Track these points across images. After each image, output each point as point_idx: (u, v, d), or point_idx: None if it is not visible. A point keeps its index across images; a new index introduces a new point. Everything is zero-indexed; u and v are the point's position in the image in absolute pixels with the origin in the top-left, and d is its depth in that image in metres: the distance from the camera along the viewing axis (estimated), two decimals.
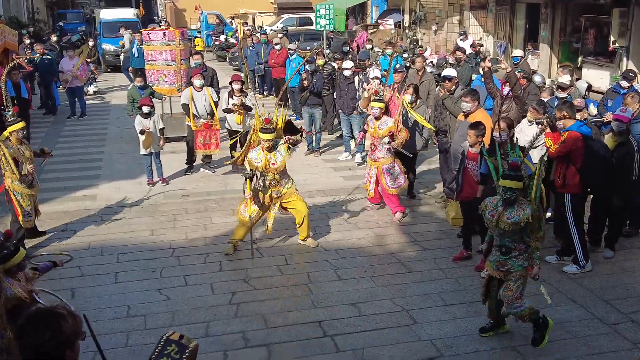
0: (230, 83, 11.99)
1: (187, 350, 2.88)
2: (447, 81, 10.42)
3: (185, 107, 11.89)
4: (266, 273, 7.96)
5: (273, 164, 8.21)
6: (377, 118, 9.52)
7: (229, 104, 11.77)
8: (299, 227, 8.66)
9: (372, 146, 9.68)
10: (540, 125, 8.09)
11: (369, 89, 11.39)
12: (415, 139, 10.24)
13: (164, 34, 13.89)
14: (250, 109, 11.75)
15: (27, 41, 20.52)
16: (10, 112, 8.56)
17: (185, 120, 12.38)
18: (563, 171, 7.74)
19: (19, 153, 8.37)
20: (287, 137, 8.39)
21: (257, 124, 8.31)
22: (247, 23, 28.55)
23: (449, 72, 10.74)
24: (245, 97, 11.82)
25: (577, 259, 7.83)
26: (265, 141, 8.13)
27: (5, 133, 8.40)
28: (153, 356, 2.88)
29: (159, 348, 2.89)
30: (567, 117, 7.80)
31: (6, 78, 8.96)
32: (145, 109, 11.26)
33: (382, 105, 9.50)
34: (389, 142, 9.43)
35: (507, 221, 5.90)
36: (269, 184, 8.33)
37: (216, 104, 12.05)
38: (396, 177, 9.58)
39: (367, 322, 6.75)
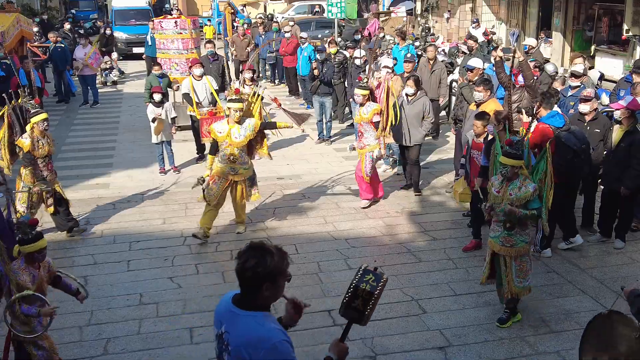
0: (242, 72, 11.99)
1: (381, 280, 3.28)
2: (469, 71, 10.42)
3: (187, 96, 11.85)
4: None
5: (235, 137, 8.37)
6: (361, 105, 9.54)
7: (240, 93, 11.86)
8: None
9: (359, 133, 9.70)
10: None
11: (377, 78, 11.37)
12: (414, 131, 10.03)
13: (175, 22, 13.94)
14: (261, 98, 11.85)
15: (35, 29, 20.57)
16: (31, 103, 8.47)
17: (186, 109, 12.43)
18: None
19: (35, 146, 8.24)
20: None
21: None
22: (231, 7, 28.58)
23: (474, 62, 10.66)
24: (257, 86, 11.83)
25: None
26: (237, 111, 8.36)
27: (29, 125, 8.28)
28: (354, 282, 3.29)
29: (359, 276, 3.31)
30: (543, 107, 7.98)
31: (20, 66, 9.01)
32: (157, 97, 11.32)
33: (365, 92, 9.46)
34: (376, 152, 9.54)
35: (510, 197, 6.12)
36: (228, 158, 8.40)
37: (217, 91, 12.00)
38: (376, 167, 9.86)
39: (376, 311, 6.60)
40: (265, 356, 3.05)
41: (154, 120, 11.20)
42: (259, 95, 9.32)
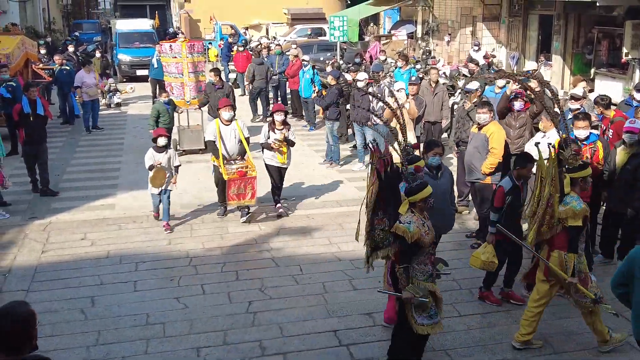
0: (272, 114, 10.41)
1: None
2: (470, 93, 10.56)
3: (212, 145, 10.06)
4: (282, 282, 8.08)
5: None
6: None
7: (268, 138, 10.15)
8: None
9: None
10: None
11: (394, 101, 11.25)
12: (442, 217, 7.19)
13: (170, 46, 13.84)
14: (293, 144, 10.34)
15: (43, 51, 20.78)
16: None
17: (212, 155, 10.31)
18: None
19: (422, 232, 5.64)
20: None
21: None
22: (233, 30, 29.36)
23: (471, 85, 10.77)
24: (289, 130, 10.23)
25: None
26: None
27: (404, 205, 5.77)
28: None
29: None
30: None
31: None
32: (162, 141, 9.79)
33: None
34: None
35: None
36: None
37: (247, 140, 10.23)
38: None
39: (382, 331, 6.86)
40: None
41: (151, 168, 9.70)
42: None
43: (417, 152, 7.55)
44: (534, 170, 7.22)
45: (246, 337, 6.79)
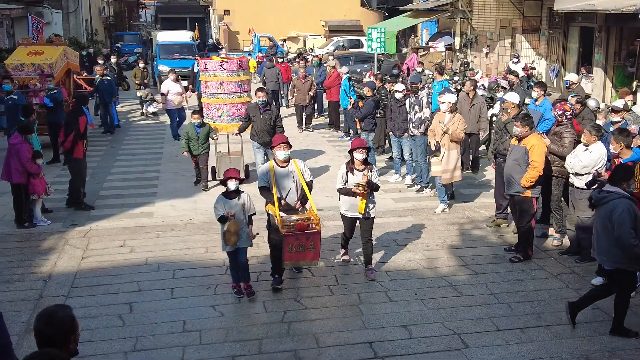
0: (351, 152, 8.34)
1: None
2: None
3: (266, 192, 8.14)
4: (317, 293, 8.07)
5: None
6: None
7: (346, 181, 8.30)
8: None
9: None
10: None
11: (446, 129, 10.77)
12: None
13: (205, 64, 12.88)
14: (377, 188, 8.36)
15: (101, 62, 21.26)
16: None
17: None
18: None
19: None
20: None
21: None
22: (271, 42, 29.39)
23: (508, 96, 10.57)
24: (371, 171, 8.30)
25: None
26: None
27: None
28: None
29: None
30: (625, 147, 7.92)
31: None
32: (232, 185, 7.75)
33: None
34: None
35: None
36: None
37: (309, 185, 8.25)
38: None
39: (418, 344, 6.79)
40: None
41: (223, 219, 7.71)
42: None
43: None
44: None
45: (281, 347, 6.78)
